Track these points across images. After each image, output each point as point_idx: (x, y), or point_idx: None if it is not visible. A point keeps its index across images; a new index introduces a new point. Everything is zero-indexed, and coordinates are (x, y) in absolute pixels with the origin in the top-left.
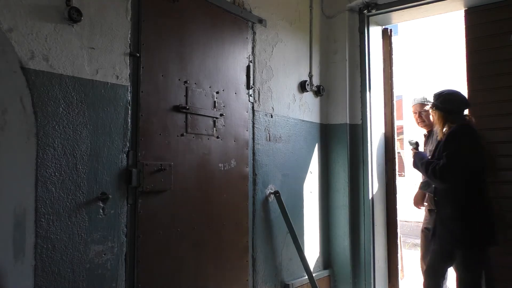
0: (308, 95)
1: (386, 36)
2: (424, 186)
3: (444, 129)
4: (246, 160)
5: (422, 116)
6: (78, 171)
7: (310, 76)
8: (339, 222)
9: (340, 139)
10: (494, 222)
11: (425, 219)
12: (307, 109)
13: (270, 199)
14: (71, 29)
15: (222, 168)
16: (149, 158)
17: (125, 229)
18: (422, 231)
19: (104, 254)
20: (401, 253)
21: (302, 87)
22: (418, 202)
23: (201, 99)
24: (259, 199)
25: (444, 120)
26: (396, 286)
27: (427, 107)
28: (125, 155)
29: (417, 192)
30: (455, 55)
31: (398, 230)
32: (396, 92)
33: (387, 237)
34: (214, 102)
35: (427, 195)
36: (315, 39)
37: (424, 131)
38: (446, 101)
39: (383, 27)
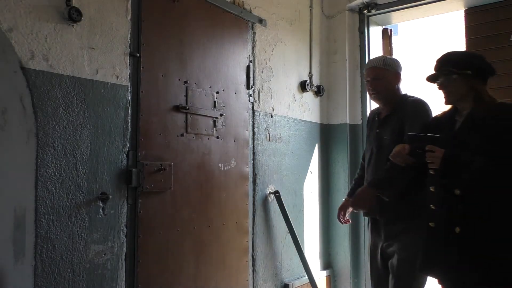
0: (308, 95)
1: (386, 36)
2: (378, 183)
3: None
4: (246, 160)
5: (380, 84)
6: (78, 171)
7: (310, 76)
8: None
9: (340, 139)
10: None
11: (375, 236)
12: (307, 109)
13: (270, 199)
14: (71, 29)
15: (222, 168)
16: (149, 158)
17: (125, 229)
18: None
19: (104, 254)
20: None
21: (302, 87)
22: (365, 204)
23: (201, 99)
24: (259, 199)
25: (482, 92)
26: None
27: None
28: (125, 155)
29: (366, 190)
30: None
31: None
32: None
33: None
34: (214, 102)
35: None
36: (315, 39)
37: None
38: (483, 63)
39: (383, 27)
